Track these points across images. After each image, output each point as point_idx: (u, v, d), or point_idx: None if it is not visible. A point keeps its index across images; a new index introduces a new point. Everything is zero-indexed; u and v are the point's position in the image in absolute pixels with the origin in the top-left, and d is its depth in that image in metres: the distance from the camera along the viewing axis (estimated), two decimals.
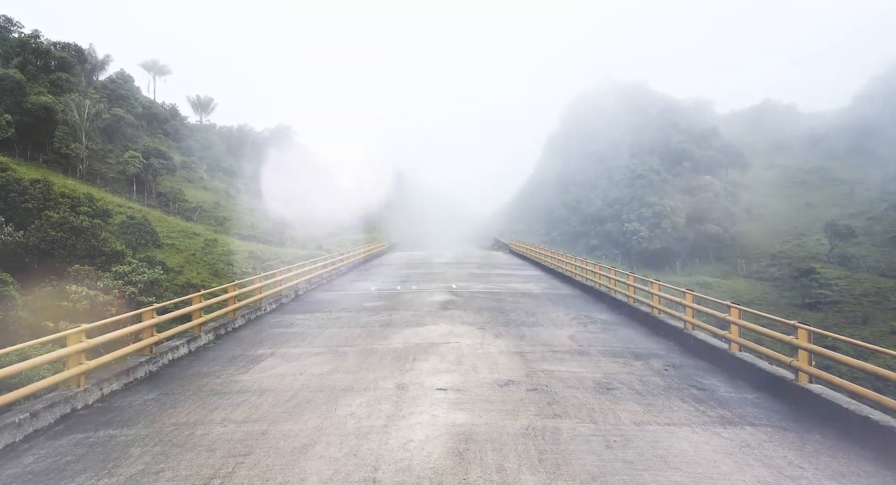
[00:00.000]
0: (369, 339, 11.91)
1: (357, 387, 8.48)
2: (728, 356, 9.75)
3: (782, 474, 5.56)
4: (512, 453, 5.97)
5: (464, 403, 7.67)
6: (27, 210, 33.49)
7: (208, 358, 10.60)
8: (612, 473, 5.53)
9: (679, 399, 8.00)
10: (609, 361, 10.16)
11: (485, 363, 9.78)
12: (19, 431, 6.56)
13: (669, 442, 6.36)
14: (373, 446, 6.18)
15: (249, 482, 5.39)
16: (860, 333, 37.81)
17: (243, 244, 53.01)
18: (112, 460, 6.01)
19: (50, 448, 6.37)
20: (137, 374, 9.17)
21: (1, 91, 44.47)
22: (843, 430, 6.56)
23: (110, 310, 27.14)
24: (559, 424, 6.90)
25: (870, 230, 57.56)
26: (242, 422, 7.07)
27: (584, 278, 20.94)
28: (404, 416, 7.17)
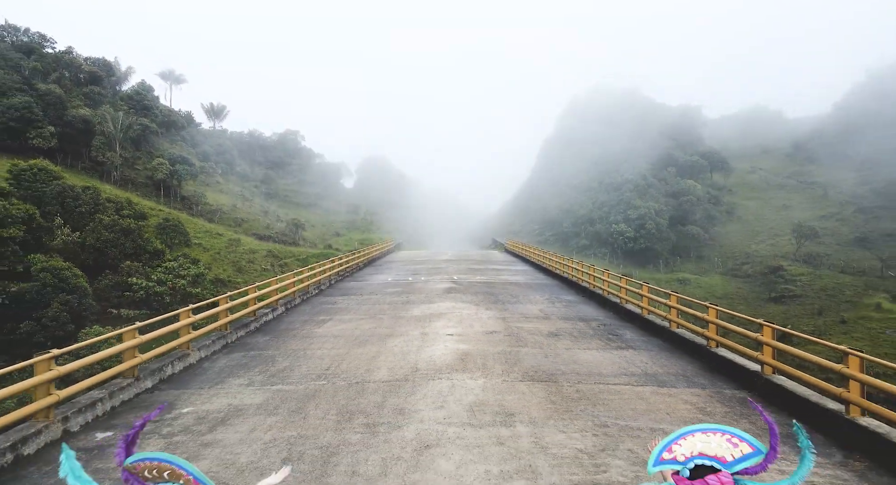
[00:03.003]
0: (396, 310, 16.71)
1: (395, 334, 13.28)
2: (640, 317, 14.60)
3: (631, 363, 10.44)
4: (490, 359, 10.78)
5: (464, 341, 12.47)
6: (80, 214, 38.20)
7: (288, 321, 15.42)
8: (544, 365, 10.35)
9: (598, 339, 12.85)
10: (562, 322, 14.98)
11: (478, 323, 14.59)
12: (209, 350, 11.40)
13: (581, 356, 11.19)
14: (411, 357, 10.98)
15: (348, 368, 10.20)
16: (815, 322, 42.64)
17: (261, 244, 57.77)
18: (268, 361, 10.83)
19: (230, 358, 11.20)
20: (250, 327, 13.99)
21: (45, 105, 49.21)
22: (687, 349, 11.43)
23: (165, 299, 31.93)
24: (520, 349, 11.72)
25: (837, 231, 62.46)
26: (331, 348, 11.88)
27: (562, 272, 25.71)
28: (428, 345, 11.98)
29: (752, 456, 2.45)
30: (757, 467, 2.44)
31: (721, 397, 8.69)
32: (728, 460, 2.45)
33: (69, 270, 30.19)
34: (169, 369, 9.90)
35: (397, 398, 8.49)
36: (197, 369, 10.55)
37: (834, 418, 7.11)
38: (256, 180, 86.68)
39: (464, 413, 7.82)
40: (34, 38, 61.98)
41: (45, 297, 28.47)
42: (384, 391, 8.84)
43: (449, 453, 6.48)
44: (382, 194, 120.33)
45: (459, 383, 9.21)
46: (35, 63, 54.89)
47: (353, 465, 6.17)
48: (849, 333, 39.51)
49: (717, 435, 2.53)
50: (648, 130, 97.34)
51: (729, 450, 2.47)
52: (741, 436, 2.50)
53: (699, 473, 2.43)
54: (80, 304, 29.39)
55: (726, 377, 9.76)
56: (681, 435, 2.55)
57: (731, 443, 2.49)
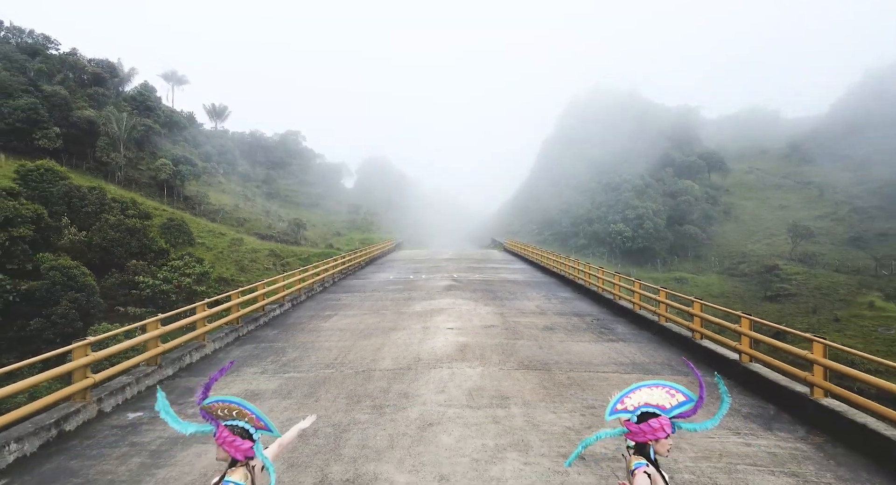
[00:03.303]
0: (398, 306, 17.39)
1: (398, 327, 13.95)
2: (632, 312, 15.28)
3: (620, 353, 11.12)
4: (488, 350, 11.46)
5: (463, 334, 13.15)
6: (87, 213, 38.85)
7: (295, 316, 16.09)
8: (539, 356, 11.03)
9: (590, 332, 13.53)
10: (557, 316, 15.66)
11: (477, 317, 15.27)
12: (222, 342, 12.08)
13: (573, 347, 11.87)
14: (414, 349, 11.66)
15: (355, 359, 10.87)
16: (809, 320, 43.32)
17: (263, 243, 58.41)
18: (278, 352, 11.51)
19: (243, 349, 11.88)
20: (259, 322, 14.67)
21: (51, 106, 49.86)
22: (674, 341, 12.12)
23: (171, 297, 32.59)
24: (516, 341, 12.39)
25: (832, 231, 63.15)
26: (338, 341, 12.56)
27: (559, 270, 26.38)
28: (429, 338, 12.66)
29: (685, 404, 3.15)
30: (689, 412, 3.14)
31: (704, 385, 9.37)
32: (667, 407, 3.14)
33: (77, 268, 30.86)
34: (187, 359, 10.59)
35: (401, 384, 9.17)
36: (213, 358, 11.24)
37: (800, 399, 7.79)
38: (258, 180, 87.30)
39: (463, 397, 8.50)
40: (38, 40, 62.61)
41: (54, 294, 29.14)
42: (389, 378, 9.52)
43: (449, 429, 7.17)
44: (383, 194, 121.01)
45: (459, 371, 9.89)
46: (40, 64, 55.53)
47: (364, 440, 6.85)
48: (842, 331, 40.20)
49: (658, 388, 3.22)
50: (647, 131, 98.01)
51: (667, 399, 3.16)
52: (677, 388, 3.19)
53: (644, 418, 3.12)
54: (89, 301, 30.05)
55: (708, 366, 10.44)
56: (631, 390, 3.24)
57: (670, 394, 3.18)
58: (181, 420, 3.04)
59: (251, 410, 2.99)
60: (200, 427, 3.07)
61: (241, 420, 2.97)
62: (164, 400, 3.10)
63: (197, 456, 6.46)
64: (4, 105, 47.28)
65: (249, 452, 2.95)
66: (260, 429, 3.01)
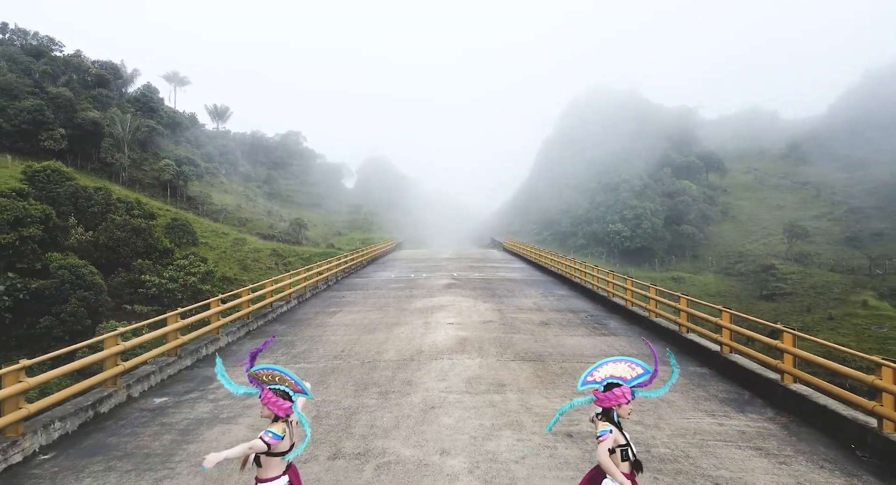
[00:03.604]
0: (400, 303, 18.07)
1: (401, 323, 14.63)
2: (625, 309, 15.96)
3: (611, 346, 11.82)
4: (486, 344, 12.14)
5: (463, 328, 13.83)
6: (93, 214, 39.51)
7: (302, 312, 16.78)
8: (534, 348, 11.71)
9: (584, 327, 14.21)
10: (553, 313, 16.34)
11: (476, 313, 15.95)
12: (234, 336, 12.76)
13: (567, 340, 12.55)
14: (416, 342, 12.34)
15: (361, 351, 11.55)
16: (803, 319, 44.00)
17: (265, 243, 59.07)
18: (288, 345, 12.20)
19: (254, 343, 12.56)
20: (268, 317, 15.36)
21: (56, 108, 50.53)
22: (663, 334, 12.82)
23: (177, 295, 33.25)
24: (513, 335, 13.08)
25: (828, 231, 63.82)
26: (344, 335, 13.24)
27: (556, 269, 27.06)
28: (431, 332, 13.34)
29: (643, 375, 3.83)
30: (646, 382, 3.82)
31: (684, 373, 10.04)
32: (628, 378, 3.82)
33: (85, 267, 31.52)
34: (203, 350, 11.27)
35: (405, 373, 9.85)
36: (227, 351, 11.93)
37: (772, 385, 8.47)
38: (259, 180, 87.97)
39: (462, 384, 9.19)
40: (43, 42, 63.31)
41: (63, 293, 29.79)
42: (393, 368, 10.20)
43: (450, 412, 7.85)
44: (383, 194, 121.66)
45: (459, 362, 10.57)
46: (45, 66, 56.21)
47: (372, 420, 7.54)
48: (835, 330, 40.88)
49: (621, 363, 3.90)
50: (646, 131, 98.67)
51: (629, 372, 3.84)
52: (637, 363, 3.87)
53: (609, 387, 3.79)
54: (97, 300, 30.70)
55: (692, 357, 11.13)
56: (599, 365, 3.92)
57: (630, 367, 3.86)
58: (234, 383, 3.72)
59: (290, 376, 3.67)
60: (248, 390, 3.74)
61: (282, 384, 3.65)
62: (221, 366, 3.79)
63: (221, 434, 7.15)
64: (11, 107, 47.95)
65: (289, 410, 3.63)
66: (297, 392, 3.69)
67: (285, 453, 3.62)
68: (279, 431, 3.57)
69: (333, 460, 6.24)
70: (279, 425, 3.59)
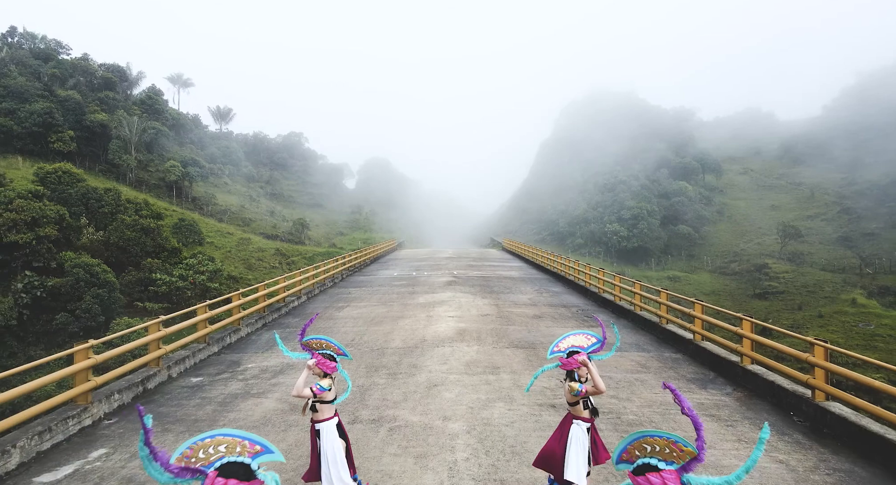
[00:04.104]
0: (404, 298, 19.25)
1: (405, 316, 15.82)
2: (613, 303, 17.15)
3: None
4: (483, 333, 13.32)
5: (462, 321, 15.01)
6: (103, 214, 40.68)
7: (311, 307, 17.97)
8: (527, 338, 12.90)
9: (574, 320, 15.40)
10: (547, 307, 17.53)
11: (474, 308, 17.13)
12: (253, 327, 13.95)
13: (558, 331, 13.72)
14: (419, 332, 13.52)
15: (370, 340, 12.73)
16: (794, 316, 45.19)
17: (269, 243, 60.21)
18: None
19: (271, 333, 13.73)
20: (281, 311, 16.55)
21: (65, 111, 51.69)
22: (645, 326, 14.01)
23: (186, 293, 34.43)
24: (508, 327, 14.26)
25: (821, 231, 65.01)
26: (353, 326, 14.42)
27: (552, 267, 28.23)
28: (433, 324, 14.52)
29: (596, 343, 5.00)
30: (599, 349, 4.99)
31: (660, 357, 11.25)
32: (585, 346, 4.99)
33: (99, 266, 32.69)
34: (228, 339, 12.46)
35: (411, 358, 11.03)
36: (247, 340, 13.11)
37: (733, 366, 9.66)
38: (262, 181, 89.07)
39: (462, 367, 10.37)
40: (50, 45, 64.47)
41: (78, 291, 30.98)
42: (400, 354, 11.39)
43: (451, 388, 9.04)
44: (384, 195, 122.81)
45: (458, 349, 11.76)
46: (53, 69, 57.36)
47: (383, 395, 8.72)
48: (825, 327, 42.04)
49: (580, 336, 5.08)
50: (644, 133, 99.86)
51: (585, 342, 5.02)
52: (592, 334, 5.05)
53: (570, 354, 4.96)
54: (110, 297, 31.87)
55: (669, 345, 12.32)
56: (562, 338, 5.09)
57: (587, 338, 5.04)
58: (290, 351, 4.89)
59: (334, 343, 4.85)
60: (300, 355, 4.92)
61: (328, 350, 4.83)
62: (278, 337, 4.98)
63: (254, 406, 8.33)
64: (21, 110, 49.11)
65: (334, 369, 4.81)
66: (339, 355, 4.87)
67: (332, 401, 4.80)
68: (326, 384, 4.74)
69: (353, 424, 7.42)
70: (326, 380, 4.77)
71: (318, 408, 4.73)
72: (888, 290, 47.30)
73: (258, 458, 2.78)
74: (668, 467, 2.63)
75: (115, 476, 5.94)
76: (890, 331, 38.84)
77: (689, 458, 2.65)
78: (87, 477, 5.93)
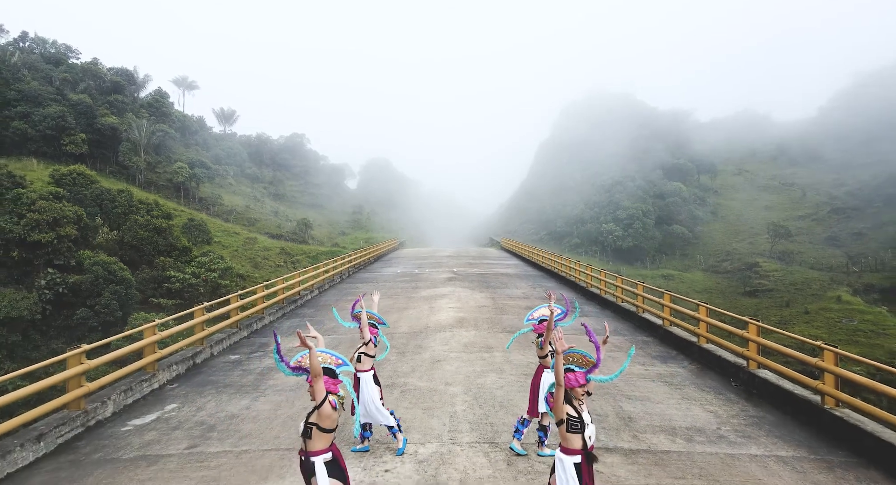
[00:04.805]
0: (408, 292, 20.92)
1: (410, 307, 17.49)
2: (599, 296, 18.85)
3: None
4: (480, 321, 14.99)
5: (461, 311, 16.67)
6: (117, 214, 42.32)
7: (324, 299, 19.63)
8: (518, 325, 14.55)
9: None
10: (539, 300, 19.18)
11: (472, 300, 18.81)
12: (274, 316, 15.64)
13: None
14: (423, 320, 15.19)
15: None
16: (781, 313, 46.87)
17: (274, 242, 61.86)
18: (319, 323, 15.04)
19: (291, 322, 15.42)
20: (297, 303, 18.23)
21: (77, 114, 53.35)
22: (625, 315, 15.73)
23: (199, 289, 36.09)
24: (502, 316, 15.93)
25: (811, 230, 66.72)
26: None
27: (546, 265, 29.90)
28: (435, 314, 16.19)
29: (562, 313, 6.68)
30: (563, 317, 6.67)
31: (634, 341, 12.92)
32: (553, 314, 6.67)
33: (116, 264, 34.34)
34: (255, 326, 14.14)
35: (416, 341, 12.71)
36: (270, 327, 14.79)
37: (691, 346, 11.34)
38: (265, 182, 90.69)
39: (460, 347, 12.04)
40: (60, 50, 66.17)
41: (97, 287, 32.62)
42: (407, 338, 13.06)
43: (451, 363, 10.71)
44: (385, 195, 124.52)
45: (458, 333, 13.43)
46: (64, 74, 59.03)
47: (394, 368, 10.39)
48: (810, 323, 43.73)
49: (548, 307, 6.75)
50: (640, 134, 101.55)
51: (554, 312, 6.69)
52: (558, 307, 6.73)
53: (541, 322, 6.63)
54: (126, 293, 33.52)
55: (644, 330, 14.00)
56: (535, 309, 6.77)
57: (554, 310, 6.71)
58: (343, 320, 6.56)
59: (376, 315, 6.51)
60: (351, 324, 6.57)
61: (372, 320, 6.49)
62: (335, 311, 6.65)
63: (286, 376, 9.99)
64: (35, 113, 50.78)
65: (377, 333, 6.47)
66: (379, 324, 6.54)
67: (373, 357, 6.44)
68: (370, 350, 6.39)
69: None
70: (370, 345, 6.42)
71: (362, 359, 6.36)
72: (872, 287, 49.00)
73: (340, 367, 4.32)
74: (580, 370, 4.23)
75: (190, 421, 7.63)
76: (871, 326, 40.53)
77: (591, 365, 4.24)
78: (169, 421, 7.62)
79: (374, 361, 6.52)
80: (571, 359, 4.36)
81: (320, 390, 3.89)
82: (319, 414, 3.87)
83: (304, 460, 3.92)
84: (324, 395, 3.91)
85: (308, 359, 4.11)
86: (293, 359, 4.31)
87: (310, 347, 3.86)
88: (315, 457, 3.87)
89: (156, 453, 6.53)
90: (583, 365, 4.31)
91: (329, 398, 3.90)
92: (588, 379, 4.19)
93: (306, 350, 4.14)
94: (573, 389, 4.22)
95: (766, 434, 7.09)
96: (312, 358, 3.81)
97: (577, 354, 4.37)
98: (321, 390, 3.89)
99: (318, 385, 3.88)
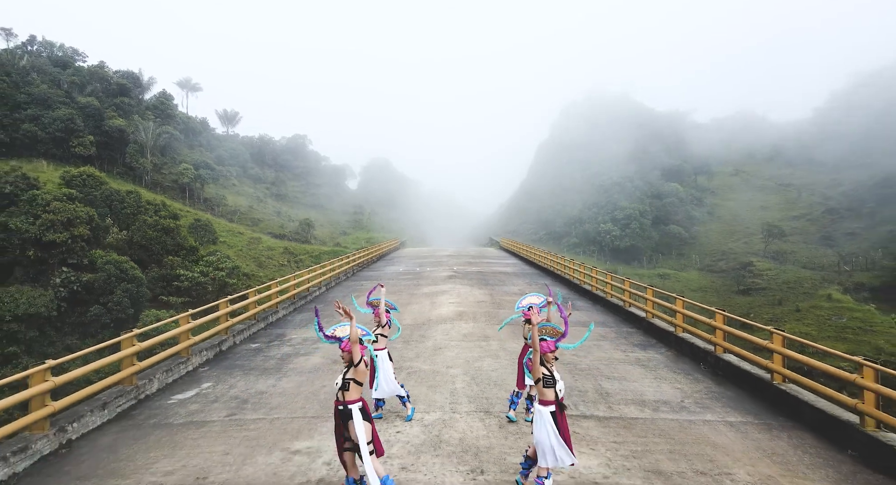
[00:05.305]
0: (410, 289, 22.09)
1: (413, 302, 18.65)
2: (591, 293, 20.02)
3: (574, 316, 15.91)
4: (478, 315, 16.15)
5: (461, 306, 17.84)
6: (126, 215, 43.49)
7: (331, 296, 20.79)
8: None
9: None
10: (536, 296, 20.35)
11: (471, 296, 19.98)
12: (287, 310, 16.81)
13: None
14: (425, 314, 16.35)
15: None
16: (774, 311, 48.02)
17: (277, 242, 63.04)
18: (329, 316, 16.18)
19: (303, 316, 16.58)
20: (307, 298, 19.39)
21: (85, 116, 54.52)
22: (613, 309, 16.90)
23: (207, 288, 37.26)
24: (499, 310, 17.09)
25: (805, 230, 67.89)
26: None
27: (543, 263, 31.06)
28: (436, 308, 17.35)
29: (543, 301, 7.86)
30: (544, 304, 7.84)
31: (618, 331, 14.09)
32: (538, 303, 7.85)
33: (127, 263, 35.51)
34: (270, 318, 15.31)
35: (420, 332, 13.87)
36: (285, 319, 15.96)
37: (669, 335, 12.50)
38: (268, 182, 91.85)
39: (460, 337, 13.21)
40: (68, 53, 67.34)
41: (110, 285, 33.78)
42: (411, 329, 14.22)
43: (452, 350, 11.87)
44: (385, 195, 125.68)
45: (457, 325, 14.60)
46: (72, 77, 60.20)
47: (400, 354, 11.55)
48: (801, 320, 44.89)
49: (535, 296, 7.94)
50: (638, 134, 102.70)
51: (537, 300, 7.88)
52: (541, 295, 7.91)
53: (529, 309, 7.80)
54: (137, 291, 34.69)
55: (629, 323, 15.16)
56: (524, 297, 7.95)
57: (539, 298, 7.90)
58: (360, 307, 7.72)
59: (389, 302, 7.68)
60: (366, 310, 7.74)
61: (386, 306, 7.66)
62: (353, 299, 7.83)
63: (304, 361, 11.15)
64: (45, 116, 51.96)
65: (389, 318, 7.64)
66: (391, 309, 7.71)
67: (387, 337, 7.61)
68: (384, 331, 7.55)
69: None
70: (385, 327, 7.58)
71: (378, 339, 7.52)
72: (863, 286, 50.16)
73: (364, 336, 5.55)
74: (551, 339, 5.46)
75: (225, 396, 8.80)
76: (860, 323, 41.68)
77: (560, 335, 5.48)
78: (207, 397, 8.79)
79: (388, 340, 7.67)
80: (545, 331, 5.54)
81: (358, 352, 4.94)
82: (356, 370, 4.95)
83: (342, 409, 4.88)
84: (360, 356, 4.93)
85: (341, 331, 5.29)
86: (329, 329, 5.47)
87: (351, 316, 5.02)
88: (352, 405, 4.86)
89: (201, 420, 7.70)
90: (553, 335, 5.49)
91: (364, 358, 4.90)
92: (557, 346, 5.38)
93: (338, 324, 5.33)
94: (545, 354, 5.29)
95: (722, 406, 8.26)
96: (352, 326, 4.96)
97: (549, 327, 5.55)
98: (358, 351, 4.95)
99: (356, 348, 4.95)
